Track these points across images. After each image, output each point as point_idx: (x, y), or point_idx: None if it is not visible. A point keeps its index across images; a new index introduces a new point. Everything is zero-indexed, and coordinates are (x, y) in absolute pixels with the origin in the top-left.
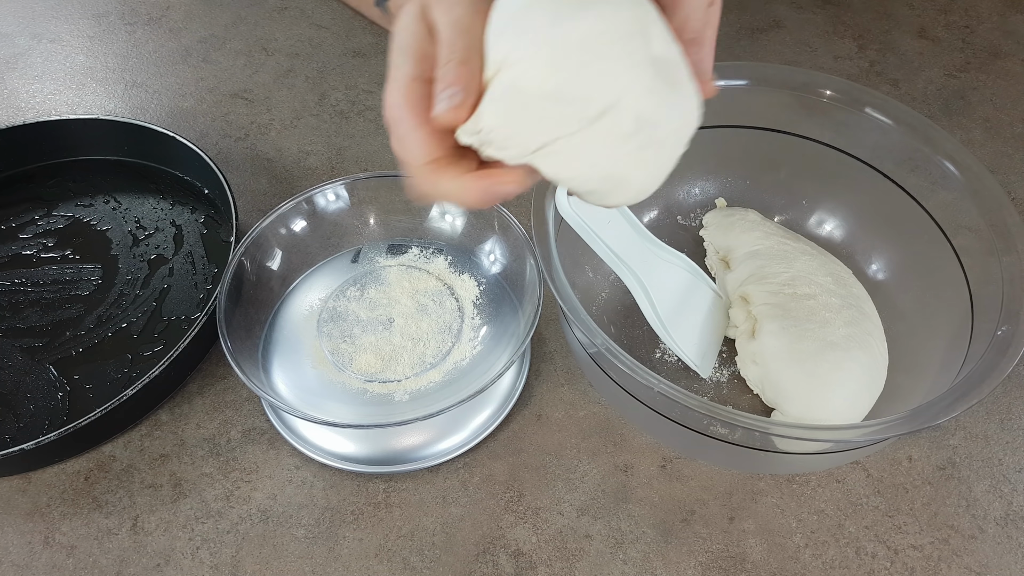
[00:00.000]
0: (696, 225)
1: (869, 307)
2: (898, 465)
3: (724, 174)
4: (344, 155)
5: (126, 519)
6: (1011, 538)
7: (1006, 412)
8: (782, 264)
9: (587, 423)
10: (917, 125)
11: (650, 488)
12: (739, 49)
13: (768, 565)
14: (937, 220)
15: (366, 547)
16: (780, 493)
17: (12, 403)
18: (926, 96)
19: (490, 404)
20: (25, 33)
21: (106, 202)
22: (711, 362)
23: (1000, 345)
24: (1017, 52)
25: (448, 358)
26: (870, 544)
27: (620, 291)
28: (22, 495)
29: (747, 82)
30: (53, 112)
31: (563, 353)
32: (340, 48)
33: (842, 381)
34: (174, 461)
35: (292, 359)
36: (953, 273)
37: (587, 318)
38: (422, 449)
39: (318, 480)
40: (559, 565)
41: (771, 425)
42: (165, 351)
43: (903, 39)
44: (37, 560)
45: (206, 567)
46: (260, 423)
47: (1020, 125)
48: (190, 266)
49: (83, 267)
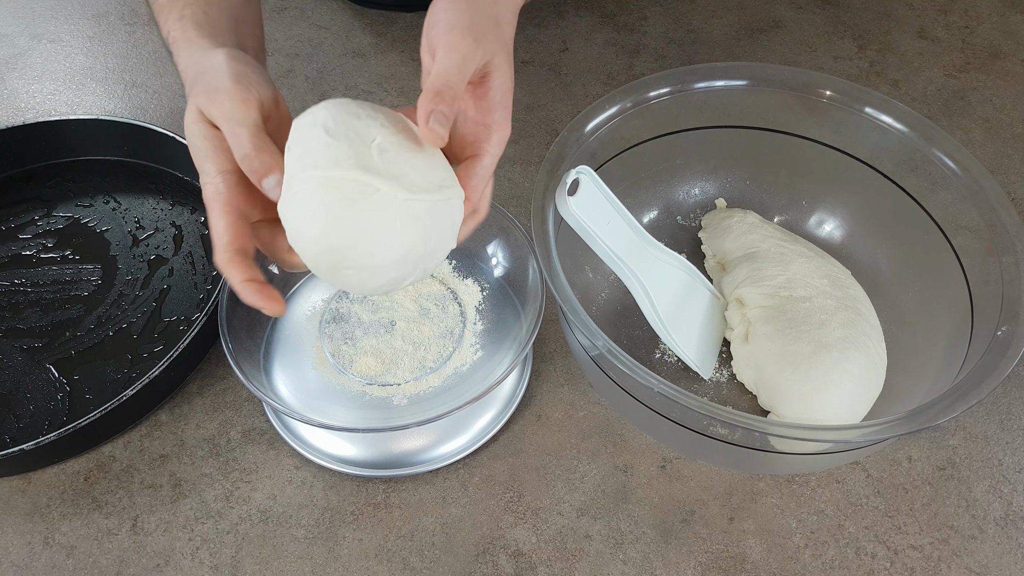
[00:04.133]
0: (696, 225)
1: (867, 308)
2: (898, 465)
3: (724, 174)
4: None
5: (126, 519)
6: (1011, 538)
7: (1006, 412)
8: (778, 266)
9: (587, 423)
10: (917, 125)
11: (650, 488)
12: (739, 49)
13: (768, 565)
14: (937, 220)
15: (366, 547)
16: (780, 493)
17: (12, 403)
18: (926, 96)
19: (492, 407)
20: (25, 33)
21: (106, 202)
22: (711, 363)
23: (1000, 345)
24: (1017, 52)
25: (448, 363)
26: (870, 544)
27: (620, 291)
28: (22, 495)
29: (747, 82)
30: (53, 112)
31: (563, 353)
32: (340, 48)
33: (838, 382)
34: (174, 461)
35: (293, 360)
36: (953, 273)
37: (587, 319)
38: (423, 453)
39: (318, 480)
40: (559, 565)
41: (771, 425)
42: (165, 351)
43: (903, 39)
44: (37, 560)
45: (206, 567)
46: (260, 423)
47: (1020, 125)
48: (190, 266)
49: (83, 267)
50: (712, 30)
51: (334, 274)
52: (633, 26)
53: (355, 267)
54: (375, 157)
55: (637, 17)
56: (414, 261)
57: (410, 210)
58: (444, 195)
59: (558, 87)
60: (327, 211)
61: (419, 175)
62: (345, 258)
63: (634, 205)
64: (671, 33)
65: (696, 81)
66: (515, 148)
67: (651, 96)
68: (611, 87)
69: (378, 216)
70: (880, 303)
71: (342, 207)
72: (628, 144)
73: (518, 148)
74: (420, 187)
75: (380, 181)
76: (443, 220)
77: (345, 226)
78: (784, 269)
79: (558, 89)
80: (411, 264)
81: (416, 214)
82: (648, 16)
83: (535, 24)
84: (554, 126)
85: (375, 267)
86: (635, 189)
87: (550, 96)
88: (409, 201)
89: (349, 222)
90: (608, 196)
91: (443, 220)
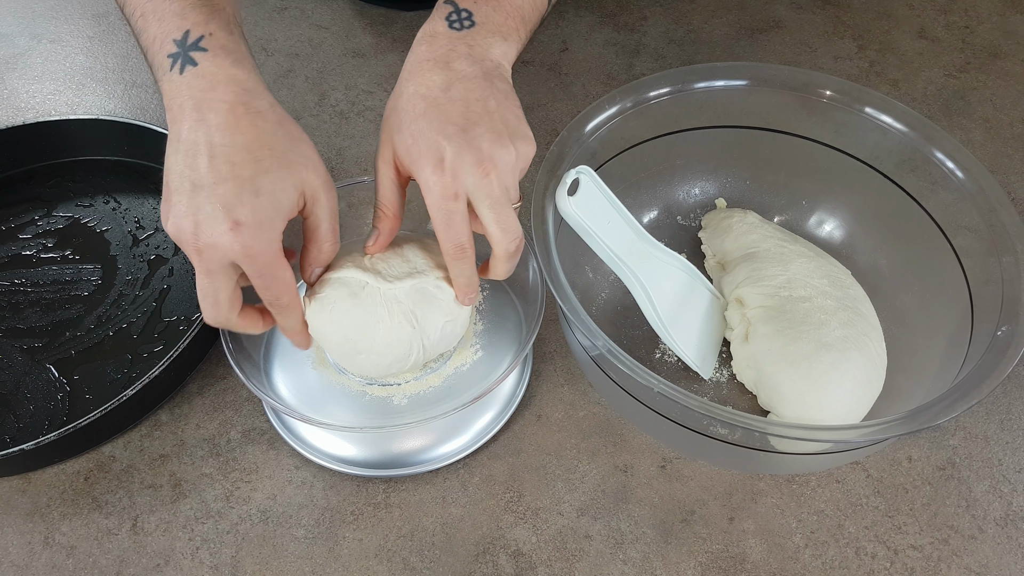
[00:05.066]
0: (696, 225)
1: (867, 308)
2: (898, 465)
3: (724, 174)
4: (344, 155)
5: (126, 519)
6: (1011, 538)
7: (1006, 412)
8: (778, 267)
9: (587, 423)
10: (917, 125)
11: (650, 488)
12: (739, 49)
13: (768, 565)
14: (937, 220)
15: (366, 547)
16: (780, 493)
17: (12, 403)
18: (926, 96)
19: (492, 408)
20: (25, 33)
21: (106, 202)
22: (711, 363)
23: (1000, 345)
24: (1017, 52)
25: (448, 363)
26: (870, 544)
27: (620, 291)
28: (22, 495)
29: (747, 82)
30: (53, 112)
31: (563, 353)
32: (340, 48)
33: (837, 382)
34: (174, 461)
35: (293, 360)
36: (953, 273)
37: (587, 319)
38: (423, 453)
39: (318, 480)
40: (559, 565)
41: (771, 425)
42: (165, 351)
43: (903, 39)
44: (37, 560)
45: (206, 567)
46: (260, 423)
47: (1020, 125)
48: (190, 266)
49: (83, 267)
50: (712, 30)
51: (352, 360)
52: (633, 26)
53: (365, 350)
54: (366, 261)
55: (637, 17)
56: (408, 339)
57: (392, 296)
58: (416, 279)
59: (558, 87)
60: (340, 304)
61: (393, 269)
62: (359, 342)
63: (634, 205)
64: (671, 33)
65: (696, 81)
66: None
67: (651, 96)
68: (611, 87)
69: (372, 303)
70: (880, 303)
71: (349, 299)
72: (628, 144)
73: None
74: (394, 276)
75: (369, 277)
76: (427, 301)
77: (352, 316)
78: (784, 269)
79: (558, 89)
80: (406, 342)
81: (397, 298)
82: (648, 16)
83: None
84: (554, 126)
85: (380, 350)
86: (635, 189)
87: (550, 96)
88: (391, 289)
89: (356, 313)
90: (608, 196)
91: (427, 301)
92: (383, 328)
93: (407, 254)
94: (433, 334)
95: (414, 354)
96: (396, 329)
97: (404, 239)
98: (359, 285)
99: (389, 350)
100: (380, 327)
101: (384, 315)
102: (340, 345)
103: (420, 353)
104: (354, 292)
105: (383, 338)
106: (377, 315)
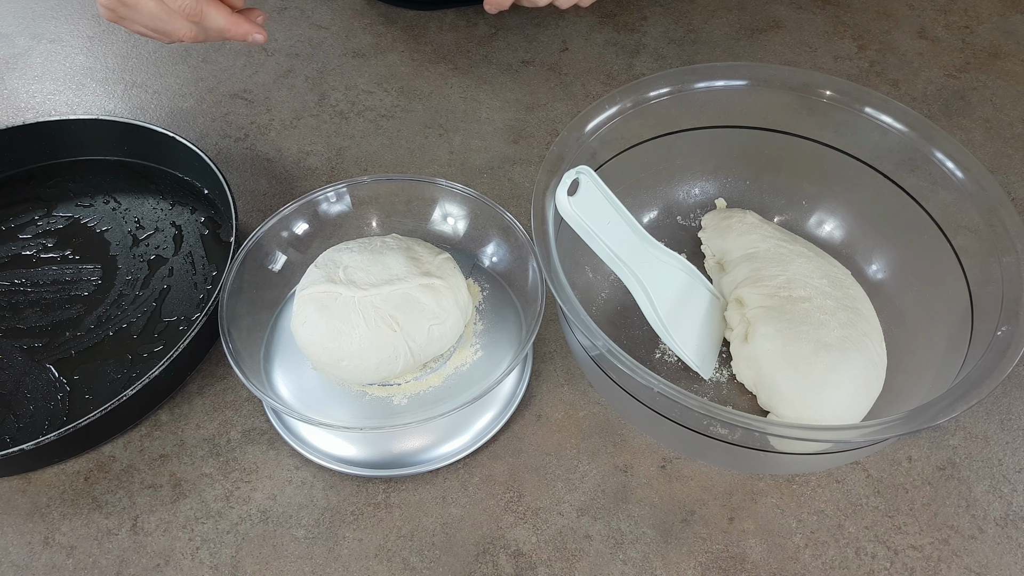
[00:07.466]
0: (696, 225)
1: (867, 308)
2: (898, 465)
3: (724, 174)
4: (344, 155)
5: (126, 519)
6: (1011, 538)
7: (1006, 412)
8: (778, 267)
9: (587, 423)
10: (917, 125)
11: (650, 488)
12: (739, 49)
13: (768, 565)
14: (937, 220)
15: (366, 547)
16: (780, 493)
17: (12, 403)
18: (926, 96)
19: (492, 407)
20: (25, 33)
21: (106, 202)
22: (712, 363)
23: (1000, 345)
24: (1017, 52)
25: (448, 363)
26: (870, 544)
27: (620, 291)
28: (22, 495)
29: (747, 82)
30: (53, 112)
31: (563, 353)
32: (340, 48)
33: (837, 382)
34: (174, 461)
35: (293, 360)
36: (953, 273)
37: (587, 319)
38: (423, 453)
39: (318, 480)
40: (559, 565)
41: (771, 425)
42: (165, 351)
43: (903, 39)
44: (37, 560)
45: (206, 567)
46: (260, 423)
47: (1020, 125)
48: (190, 266)
49: (83, 267)
50: (712, 30)
51: (337, 367)
52: (633, 26)
53: (346, 356)
54: (340, 274)
55: (637, 17)
56: (391, 342)
57: (368, 303)
58: (395, 285)
59: (558, 87)
60: (310, 317)
61: (371, 276)
62: (336, 350)
63: (634, 205)
64: (671, 33)
65: (696, 81)
66: (515, 148)
67: (651, 96)
68: (611, 87)
69: (344, 311)
70: (880, 303)
71: (316, 312)
72: (628, 144)
73: (518, 148)
74: (370, 284)
75: (340, 288)
76: (409, 305)
77: (321, 327)
78: (784, 269)
79: (558, 89)
80: (389, 346)
81: (374, 304)
82: (648, 16)
83: (535, 24)
84: (554, 126)
85: (361, 353)
86: (635, 189)
87: (550, 96)
88: (365, 296)
89: (325, 322)
90: (608, 196)
91: (409, 305)
92: (359, 333)
93: (388, 262)
94: (419, 337)
95: (402, 357)
96: (374, 333)
97: (388, 248)
98: (330, 298)
99: (371, 353)
100: (355, 332)
101: (359, 320)
102: (321, 355)
103: (408, 356)
104: (324, 304)
105: (360, 342)
106: (351, 321)
